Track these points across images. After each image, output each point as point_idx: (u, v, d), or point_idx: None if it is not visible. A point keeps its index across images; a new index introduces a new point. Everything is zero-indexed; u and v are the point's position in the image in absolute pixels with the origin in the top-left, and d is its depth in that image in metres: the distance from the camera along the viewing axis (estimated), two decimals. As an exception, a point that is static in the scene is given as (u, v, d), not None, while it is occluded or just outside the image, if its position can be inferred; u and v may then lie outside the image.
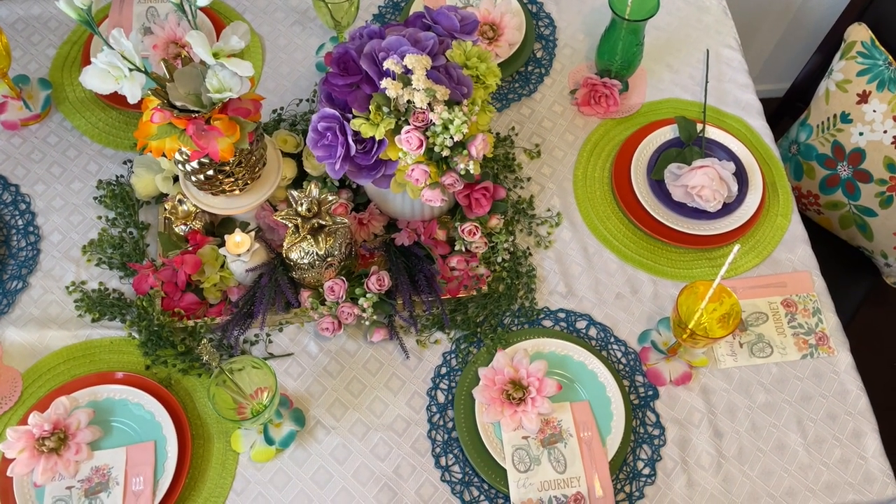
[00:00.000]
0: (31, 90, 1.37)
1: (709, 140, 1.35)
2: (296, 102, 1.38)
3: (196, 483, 1.08)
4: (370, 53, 1.05)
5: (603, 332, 1.21)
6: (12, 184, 1.30)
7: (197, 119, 0.97)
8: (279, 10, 1.51)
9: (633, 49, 1.33)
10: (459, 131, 1.01)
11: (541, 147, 1.38)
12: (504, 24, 1.43)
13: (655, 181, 1.31)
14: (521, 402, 1.10)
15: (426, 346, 1.20)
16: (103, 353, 1.17)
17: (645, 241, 1.29)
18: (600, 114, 1.41)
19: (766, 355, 1.20)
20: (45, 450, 1.04)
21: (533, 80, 1.45)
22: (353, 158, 1.08)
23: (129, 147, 1.33)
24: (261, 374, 1.05)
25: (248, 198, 1.15)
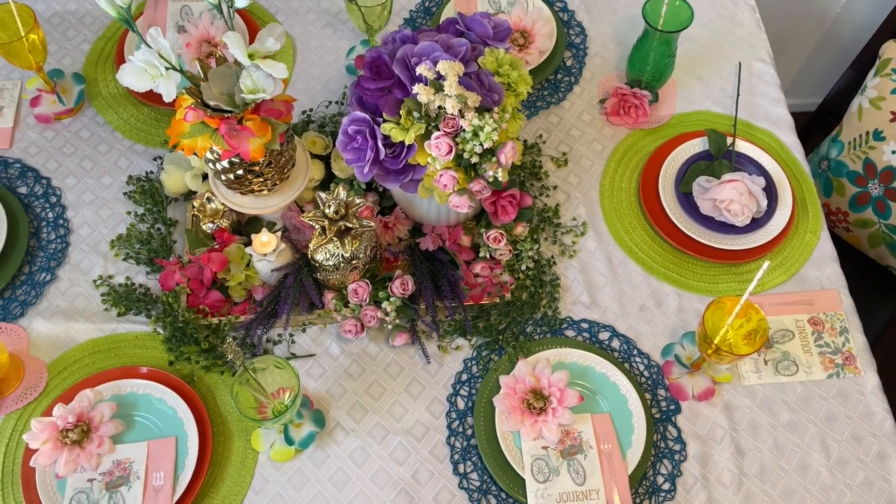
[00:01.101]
0: (66, 84, 1.39)
1: (738, 154, 1.34)
2: (325, 104, 1.39)
3: (215, 480, 1.09)
4: (403, 58, 1.05)
5: (626, 345, 1.21)
6: (44, 177, 1.32)
7: (229, 119, 0.98)
8: (311, 12, 1.52)
9: (665, 60, 1.32)
10: (489, 138, 1.01)
11: (568, 156, 1.38)
12: (535, 32, 1.42)
13: (683, 194, 1.30)
14: (541, 412, 1.09)
15: (447, 351, 1.20)
16: (128, 347, 1.18)
17: (671, 254, 1.28)
18: (629, 124, 1.40)
19: (791, 373, 1.19)
20: (69, 442, 1.05)
21: (562, 88, 1.45)
22: (381, 162, 1.08)
23: (159, 144, 1.35)
24: (283, 374, 1.05)
25: (276, 198, 1.16)
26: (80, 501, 1.04)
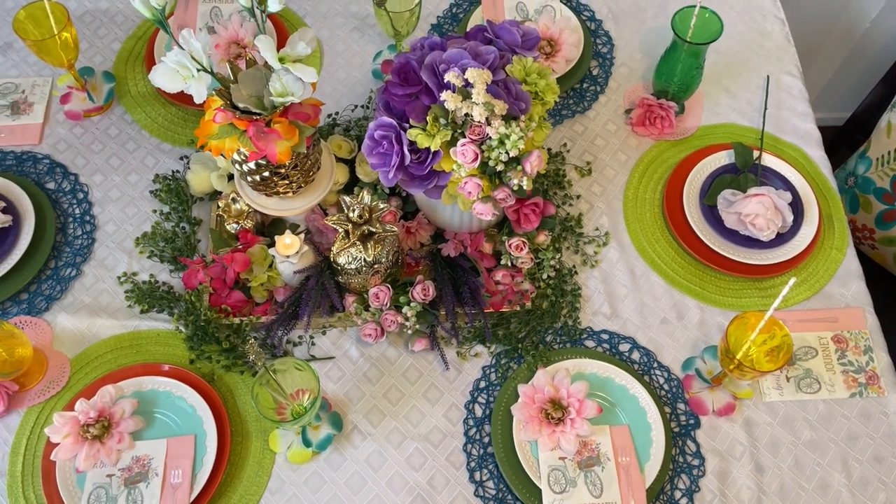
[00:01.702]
0: (96, 82, 1.40)
1: (765, 168, 1.33)
2: (351, 108, 1.39)
3: (233, 480, 1.09)
4: (431, 65, 1.05)
5: (646, 357, 1.20)
6: (72, 173, 1.33)
7: (258, 121, 0.99)
8: (339, 16, 1.53)
9: (693, 72, 1.32)
10: (515, 147, 1.01)
11: (592, 165, 1.37)
12: (562, 41, 1.42)
13: (708, 206, 1.29)
14: (559, 423, 1.09)
15: (466, 358, 1.20)
16: (150, 344, 1.19)
17: (694, 267, 1.27)
18: (654, 135, 1.39)
19: (813, 391, 1.18)
20: (89, 437, 1.06)
21: (588, 97, 1.45)
22: (407, 168, 1.08)
23: (186, 143, 1.36)
24: (303, 375, 1.06)
25: (301, 200, 1.16)
26: (99, 496, 1.05)
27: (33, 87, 1.41)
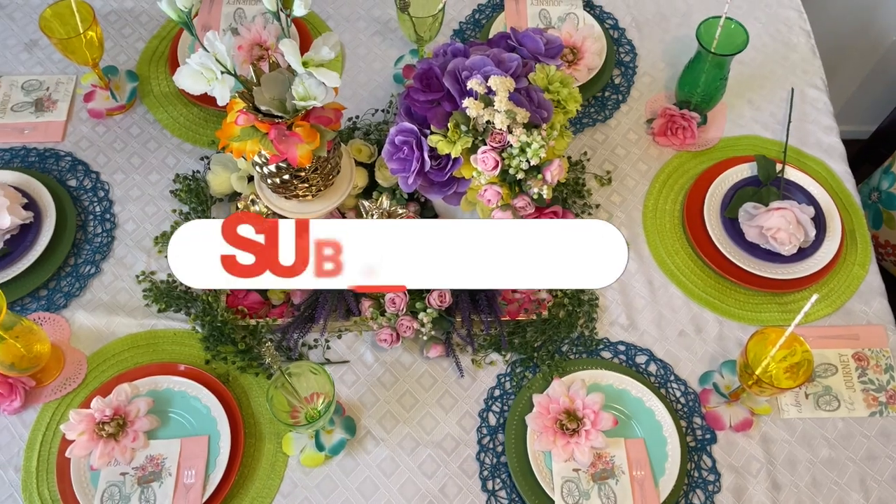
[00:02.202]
0: (119, 81, 1.41)
1: (787, 181, 1.31)
2: (371, 112, 1.39)
3: (245, 481, 1.09)
4: (453, 71, 1.05)
5: (663, 370, 1.19)
6: (94, 171, 1.34)
7: (279, 124, 0.99)
8: (362, 20, 1.53)
9: (717, 83, 1.31)
10: (536, 155, 1.00)
11: (612, 174, 1.36)
12: (585, 49, 1.41)
13: (729, 219, 1.28)
14: (574, 434, 1.08)
15: (481, 366, 1.19)
16: (166, 343, 1.19)
17: (713, 280, 1.26)
18: (676, 145, 1.38)
19: (832, 409, 1.16)
20: (104, 435, 1.06)
21: (609, 106, 1.44)
22: (426, 174, 1.08)
23: (207, 144, 1.36)
24: (318, 379, 1.05)
25: (320, 204, 1.16)
26: (112, 494, 1.05)
27: (57, 84, 1.42)
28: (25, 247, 1.23)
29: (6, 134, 1.36)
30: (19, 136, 1.36)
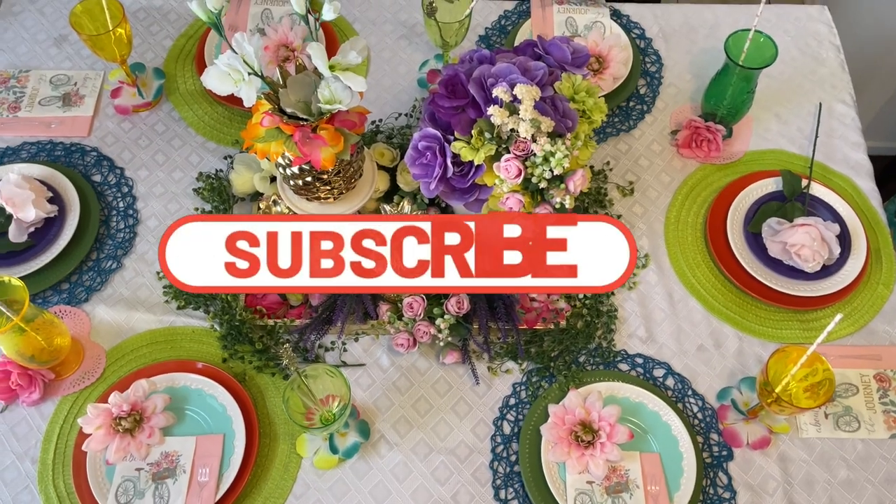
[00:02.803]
0: (146, 78, 1.43)
1: (813, 197, 1.30)
2: (395, 116, 1.39)
3: (258, 481, 1.10)
4: (479, 78, 1.05)
5: (681, 384, 1.18)
6: (118, 166, 1.35)
7: (304, 127, 0.99)
8: (388, 23, 1.53)
9: (744, 96, 1.29)
10: (560, 165, 1.00)
11: (635, 185, 1.35)
12: (611, 58, 1.41)
13: (752, 234, 1.27)
14: (589, 446, 1.07)
15: (497, 374, 1.19)
16: (184, 341, 1.20)
17: (734, 295, 1.25)
18: (700, 157, 1.37)
19: (852, 429, 1.14)
20: (121, 429, 1.07)
21: (634, 116, 1.43)
22: (448, 180, 1.08)
23: (230, 143, 1.37)
24: (334, 382, 1.06)
25: (341, 206, 1.16)
26: (127, 490, 1.06)
27: (85, 80, 1.43)
28: (49, 240, 1.24)
29: (33, 128, 1.38)
30: (46, 130, 1.38)
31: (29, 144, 1.36)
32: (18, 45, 1.48)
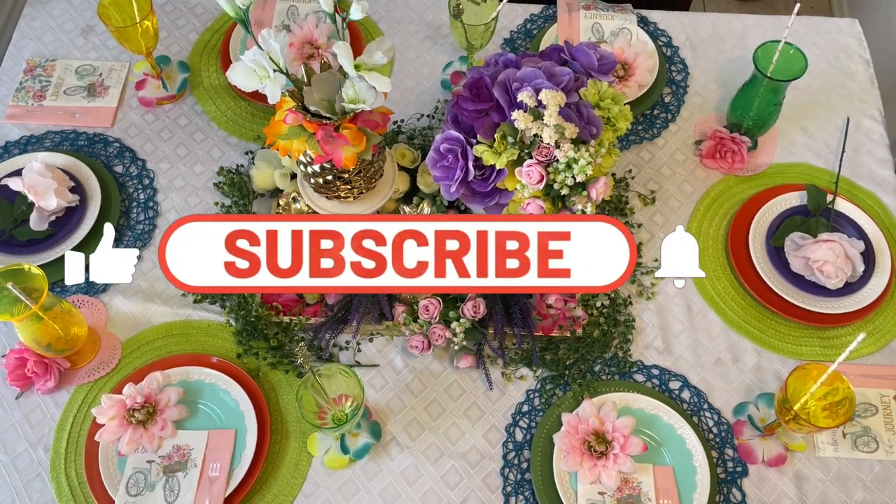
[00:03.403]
0: (171, 71, 1.43)
1: (837, 213, 1.28)
2: (417, 117, 1.39)
3: (269, 478, 1.10)
4: (504, 82, 1.04)
5: (697, 397, 1.16)
6: (140, 158, 1.36)
7: (327, 125, 0.99)
8: (413, 24, 1.53)
9: (771, 108, 1.28)
10: (583, 172, 0.99)
11: (656, 194, 1.34)
12: (637, 65, 1.39)
13: (774, 248, 1.25)
14: (602, 456, 1.06)
15: (511, 380, 1.18)
16: (199, 335, 1.20)
17: (754, 309, 1.23)
18: (724, 169, 1.36)
19: (870, 450, 1.13)
20: (134, 421, 1.07)
21: (658, 124, 1.42)
22: (469, 183, 1.07)
23: (252, 138, 1.37)
24: (348, 382, 1.05)
25: (360, 206, 1.16)
26: (138, 481, 1.06)
27: (110, 71, 1.44)
28: (70, 229, 1.24)
29: (58, 117, 1.39)
30: (70, 119, 1.38)
31: (53, 133, 1.37)
32: (46, 33, 1.49)
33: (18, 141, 1.36)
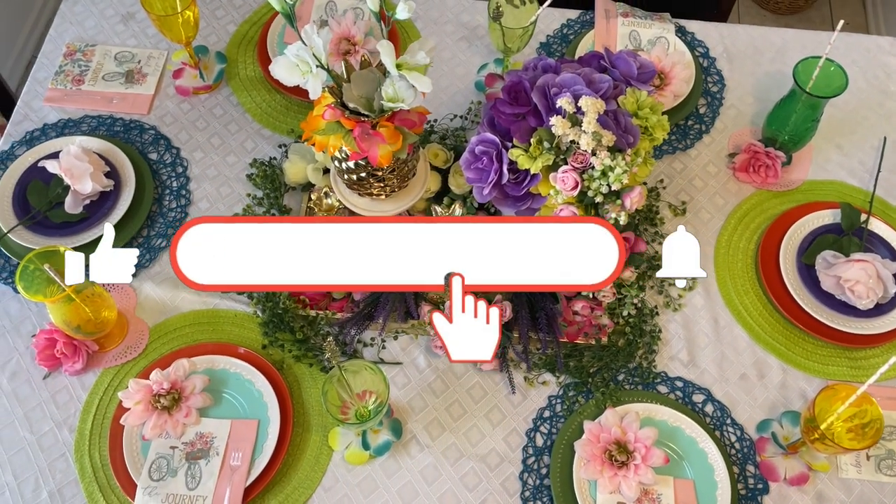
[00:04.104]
0: (208, 61, 1.44)
1: (871, 233, 1.26)
2: (450, 117, 1.39)
3: (289, 470, 1.10)
4: (543, 87, 1.04)
5: (720, 412, 1.16)
6: (175, 146, 1.37)
7: (364, 123, 0.99)
8: (449, 24, 1.53)
9: (808, 124, 1.27)
10: (619, 180, 0.98)
11: (687, 205, 1.33)
12: (673, 75, 1.39)
13: (805, 265, 1.24)
14: (623, 466, 1.06)
15: (533, 385, 1.18)
16: (226, 324, 1.21)
17: (782, 325, 1.22)
18: (757, 183, 1.35)
19: (893, 474, 1.11)
20: (159, 407, 1.08)
21: (691, 135, 1.41)
22: (503, 186, 1.07)
23: (286, 131, 1.38)
24: (374, 379, 1.05)
25: (392, 204, 1.16)
26: (160, 466, 1.07)
27: (149, 58, 1.45)
28: (103, 214, 1.26)
29: (95, 102, 1.40)
30: (107, 105, 1.40)
31: (90, 118, 1.39)
32: (87, 19, 1.51)
33: (56, 124, 1.38)
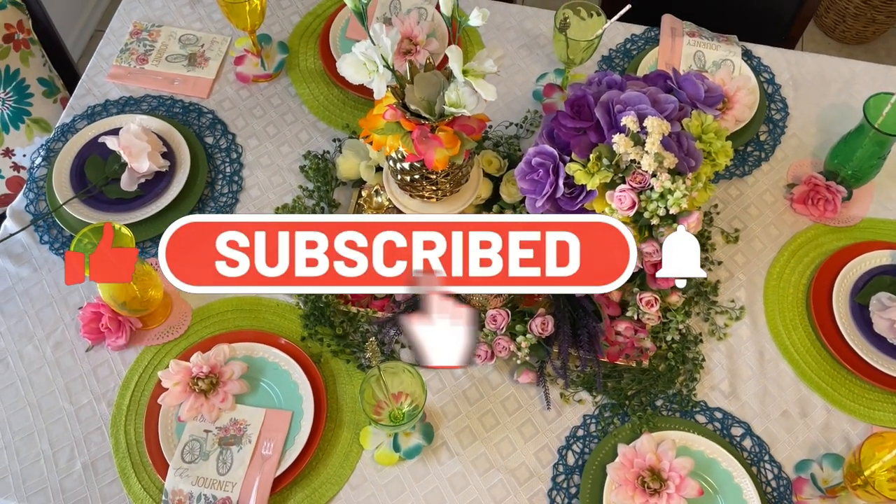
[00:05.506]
0: (270, 50, 1.45)
1: (930, 278, 1.23)
2: (505, 125, 1.38)
3: (318, 464, 1.10)
4: (607, 103, 1.02)
5: (759, 447, 1.13)
6: (231, 132, 1.38)
7: (424, 126, 0.99)
8: (512, 30, 1.52)
9: (873, 161, 1.23)
10: (677, 204, 0.97)
11: (740, 233, 1.31)
12: (736, 100, 1.36)
13: (858, 305, 1.21)
14: (655, 494, 1.04)
15: (569, 402, 1.17)
16: (268, 313, 1.21)
17: (829, 365, 1.19)
18: (814, 216, 1.31)
19: (935, 529, 1.08)
20: (197, 389, 1.09)
21: (750, 162, 1.38)
22: (557, 200, 1.06)
23: (341, 126, 1.38)
24: (411, 381, 1.05)
25: (442, 207, 1.16)
26: (193, 449, 1.08)
27: (212, 43, 1.47)
28: (157, 193, 1.27)
29: (157, 82, 1.42)
30: (169, 86, 1.42)
31: (151, 97, 1.41)
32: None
33: (118, 101, 1.40)
